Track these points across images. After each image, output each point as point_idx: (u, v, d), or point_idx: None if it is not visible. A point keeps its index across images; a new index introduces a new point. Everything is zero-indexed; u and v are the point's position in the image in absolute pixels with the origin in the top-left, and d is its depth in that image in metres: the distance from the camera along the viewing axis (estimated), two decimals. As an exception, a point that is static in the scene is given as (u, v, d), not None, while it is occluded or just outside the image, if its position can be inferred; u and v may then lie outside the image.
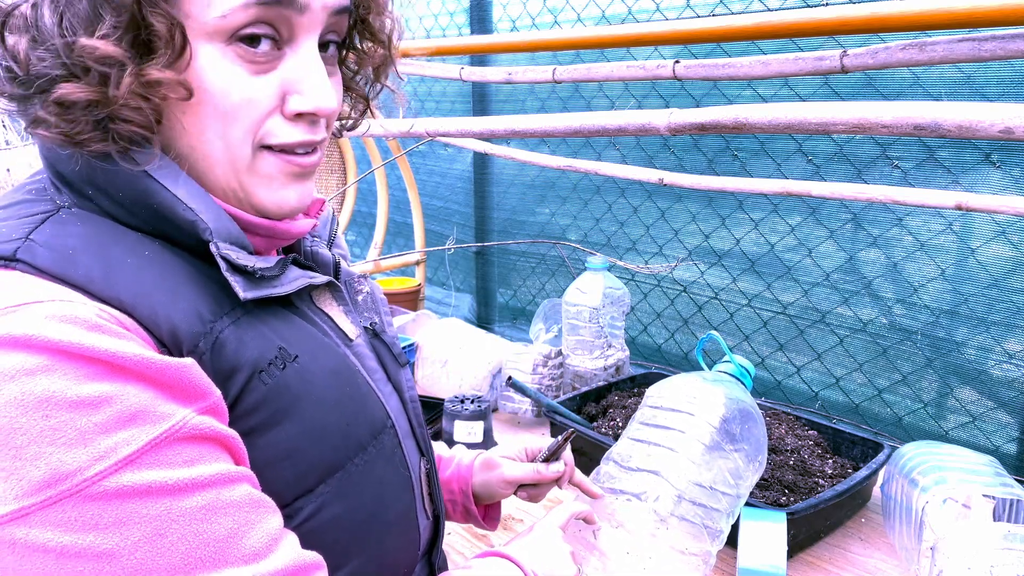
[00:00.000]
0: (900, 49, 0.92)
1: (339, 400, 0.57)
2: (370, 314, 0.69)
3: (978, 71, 1.29)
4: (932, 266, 1.42)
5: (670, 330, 1.91)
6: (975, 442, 1.41)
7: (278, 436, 0.53)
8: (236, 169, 0.53)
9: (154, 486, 0.42)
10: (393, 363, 0.68)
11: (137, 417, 0.43)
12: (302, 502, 0.54)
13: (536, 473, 0.86)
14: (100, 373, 0.42)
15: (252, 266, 0.53)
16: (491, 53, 2.10)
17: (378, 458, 0.61)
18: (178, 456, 0.44)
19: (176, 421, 0.44)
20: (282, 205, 0.56)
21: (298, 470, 0.54)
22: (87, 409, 0.41)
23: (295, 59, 0.52)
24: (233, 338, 0.51)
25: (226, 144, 0.52)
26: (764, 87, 1.57)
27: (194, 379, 0.46)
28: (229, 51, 0.50)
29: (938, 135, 0.74)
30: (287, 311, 0.58)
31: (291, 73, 0.52)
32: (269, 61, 0.51)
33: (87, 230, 0.50)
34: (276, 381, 0.53)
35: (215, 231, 0.52)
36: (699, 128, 0.91)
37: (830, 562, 1.06)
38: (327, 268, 0.68)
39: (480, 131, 1.22)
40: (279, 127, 0.53)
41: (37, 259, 0.47)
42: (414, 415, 0.69)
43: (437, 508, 0.71)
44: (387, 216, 2.32)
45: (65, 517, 0.40)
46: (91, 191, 0.52)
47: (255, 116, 0.52)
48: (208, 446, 0.46)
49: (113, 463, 0.41)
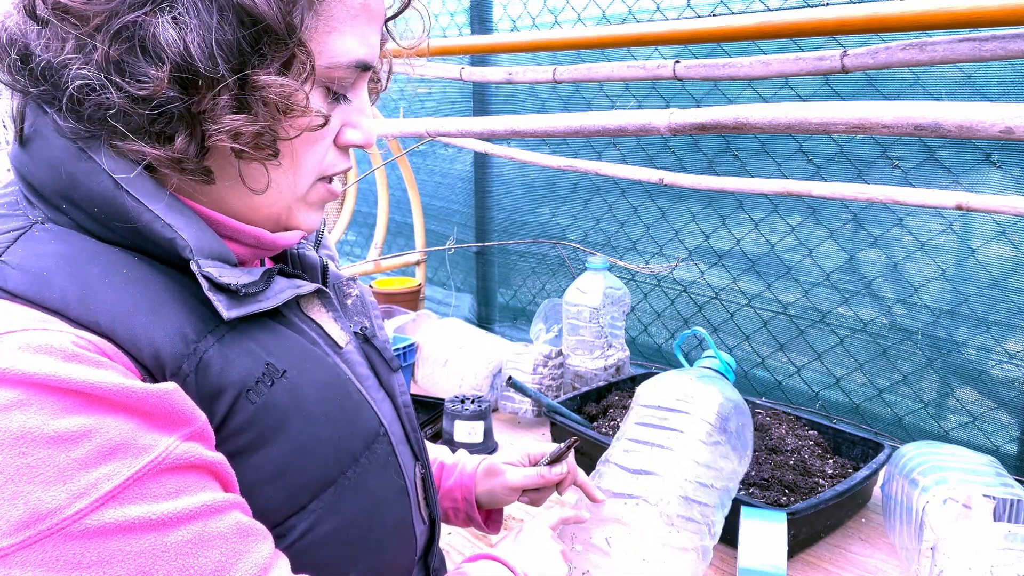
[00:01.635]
0: (900, 49, 0.92)
1: (330, 413, 0.56)
2: (360, 318, 0.68)
3: (978, 71, 1.29)
4: (932, 266, 1.42)
5: (670, 330, 1.91)
6: (975, 442, 1.41)
7: (268, 455, 0.51)
8: (295, 197, 0.56)
9: (138, 522, 0.41)
10: (385, 368, 0.67)
11: (118, 450, 0.41)
12: (295, 520, 0.53)
13: (539, 477, 0.85)
14: (78, 406, 0.41)
15: (235, 284, 0.51)
16: (491, 53, 2.10)
17: (371, 468, 0.59)
18: (162, 488, 0.42)
19: (159, 452, 0.43)
20: (311, 227, 0.60)
21: (290, 488, 0.53)
22: (65, 444, 0.40)
23: (355, 99, 0.58)
24: (218, 358, 0.50)
25: (299, 173, 0.55)
26: (764, 87, 1.57)
27: (177, 405, 0.45)
28: (318, 91, 0.54)
29: (938, 135, 0.74)
30: (274, 322, 0.56)
31: (350, 111, 0.57)
32: (339, 102, 0.56)
33: (62, 248, 0.48)
34: (264, 400, 0.51)
35: (195, 248, 0.50)
36: (699, 128, 0.91)
37: (830, 562, 1.06)
38: (314, 271, 0.66)
39: (480, 131, 1.22)
40: (334, 157, 0.58)
41: (9, 283, 0.45)
42: (407, 420, 0.68)
43: (433, 512, 0.70)
44: (387, 216, 2.32)
45: (45, 557, 0.39)
46: (66, 206, 0.50)
47: (325, 149, 0.57)
48: (193, 475, 0.45)
49: (94, 500, 0.40)
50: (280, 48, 0.48)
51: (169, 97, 0.46)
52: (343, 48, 0.52)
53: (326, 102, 0.54)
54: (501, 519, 0.91)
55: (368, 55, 0.54)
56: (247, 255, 0.59)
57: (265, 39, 0.47)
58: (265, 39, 0.47)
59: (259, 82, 0.48)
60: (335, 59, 0.52)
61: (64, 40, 0.46)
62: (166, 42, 0.45)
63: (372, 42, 0.55)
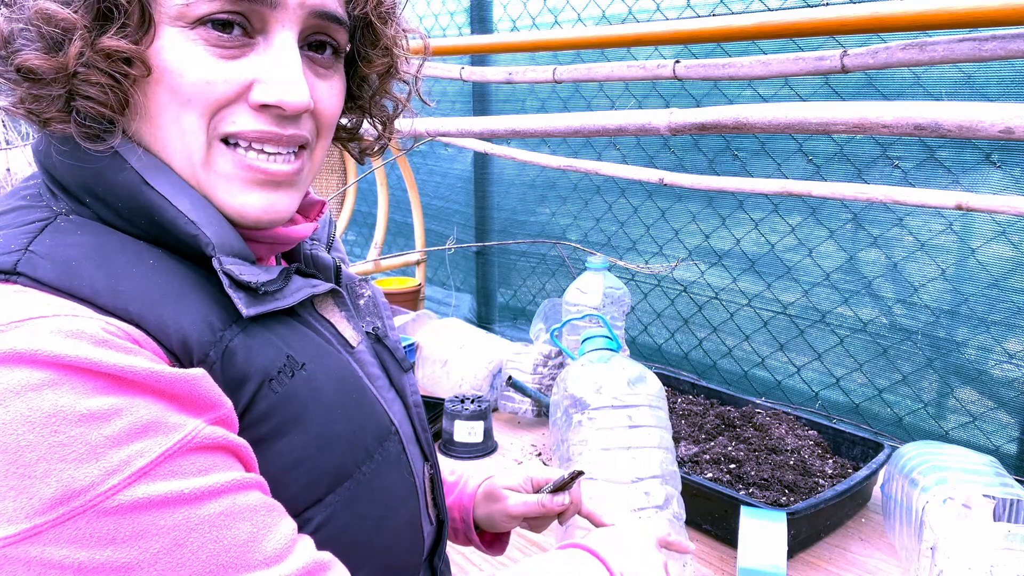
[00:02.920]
0: (900, 49, 0.92)
1: (346, 407, 0.57)
2: (372, 319, 0.68)
3: (978, 71, 1.29)
4: (932, 266, 1.42)
5: (670, 330, 1.91)
6: (975, 442, 1.41)
7: (288, 445, 0.52)
8: (192, 162, 0.52)
9: (171, 496, 0.41)
10: (396, 368, 0.67)
11: (149, 429, 0.42)
12: (312, 512, 0.53)
13: (540, 506, 0.80)
14: (108, 387, 0.41)
15: (256, 282, 0.52)
16: (491, 53, 2.10)
17: (385, 465, 0.60)
18: (192, 466, 0.43)
19: (188, 431, 0.43)
20: (242, 212, 0.53)
21: (308, 479, 0.53)
22: (97, 422, 0.40)
23: (267, 50, 0.51)
24: (243, 347, 0.51)
25: (181, 130, 0.50)
26: (764, 87, 1.57)
27: (204, 391, 0.46)
28: (193, 34, 0.49)
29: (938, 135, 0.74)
30: (291, 319, 0.57)
31: (260, 63, 0.51)
32: (237, 47, 0.50)
33: (88, 239, 0.49)
34: (285, 389, 0.52)
35: (217, 246, 0.51)
36: (699, 128, 0.92)
37: (830, 562, 1.06)
38: (328, 272, 0.67)
39: (480, 131, 1.23)
40: (239, 116, 0.51)
41: (38, 272, 0.46)
42: (418, 420, 0.68)
43: (440, 513, 0.70)
44: (387, 216, 2.32)
45: (80, 534, 0.39)
46: (89, 199, 0.51)
47: (210, 99, 0.50)
48: (220, 455, 0.45)
49: (126, 476, 0.40)
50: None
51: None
52: None
53: (211, 46, 0.49)
54: (507, 541, 0.87)
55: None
56: (264, 252, 0.59)
57: None
58: None
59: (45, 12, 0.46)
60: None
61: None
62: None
63: None
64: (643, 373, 0.92)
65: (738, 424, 1.35)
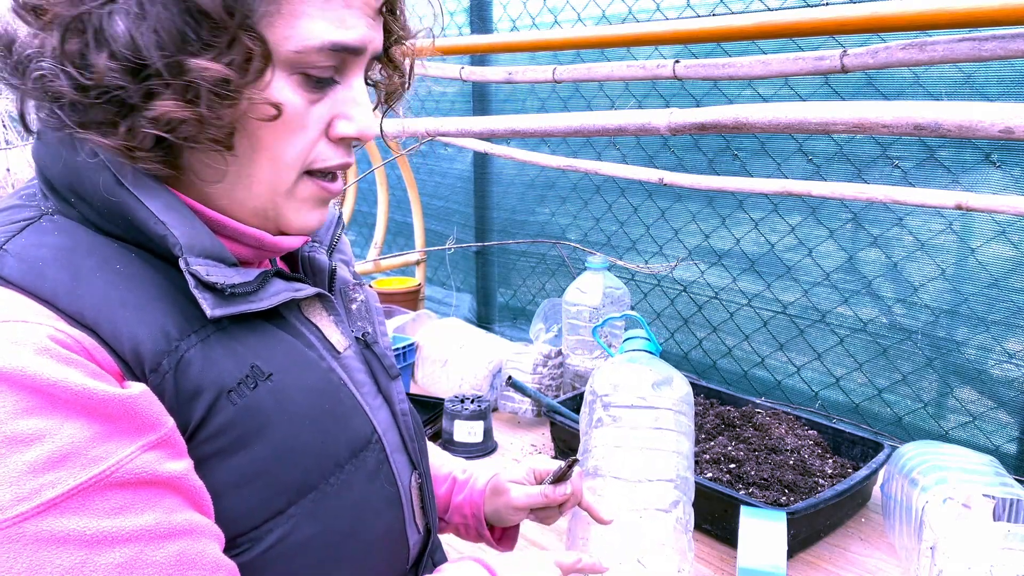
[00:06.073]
0: (900, 49, 0.92)
1: (316, 418, 0.56)
2: (363, 323, 0.67)
3: (978, 71, 1.29)
4: (932, 266, 1.42)
5: (670, 330, 1.91)
6: (975, 442, 1.41)
7: (246, 458, 0.51)
8: (276, 192, 0.55)
9: (72, 535, 0.40)
10: (384, 375, 0.66)
11: (67, 459, 0.41)
12: (272, 524, 0.53)
13: (543, 497, 0.82)
14: (39, 407, 0.41)
15: (221, 283, 0.51)
16: (491, 53, 2.10)
17: (357, 476, 0.59)
18: (105, 503, 0.42)
19: (109, 465, 0.42)
20: (305, 227, 0.58)
21: (266, 492, 0.52)
22: (19, 446, 0.40)
23: (346, 90, 0.55)
24: (200, 357, 0.50)
25: (276, 166, 0.53)
26: (764, 87, 1.57)
27: (141, 411, 0.45)
28: (293, 79, 0.52)
29: (938, 135, 0.74)
30: (270, 324, 0.57)
31: (341, 101, 0.55)
32: (325, 91, 0.54)
33: (62, 240, 0.50)
34: (246, 401, 0.51)
35: (186, 246, 0.51)
36: (699, 128, 0.92)
37: (830, 562, 1.06)
38: (322, 275, 0.66)
39: (480, 131, 1.23)
40: (325, 151, 0.56)
41: (4, 270, 0.47)
42: (405, 428, 0.67)
43: (429, 522, 0.69)
44: (387, 216, 2.32)
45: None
46: (73, 199, 0.51)
47: (308, 140, 0.54)
48: (144, 492, 0.44)
49: (35, 506, 0.40)
50: (220, 34, 0.47)
51: (110, 86, 0.47)
52: (312, 31, 0.50)
53: (304, 91, 0.52)
54: (516, 537, 0.88)
55: (348, 38, 0.52)
56: (251, 256, 0.59)
57: (206, 25, 0.47)
58: (206, 25, 0.47)
59: (190, 68, 0.46)
60: (304, 43, 0.50)
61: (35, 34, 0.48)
62: (112, 32, 0.46)
63: (352, 24, 0.52)
64: (671, 376, 0.92)
65: (738, 424, 1.35)
